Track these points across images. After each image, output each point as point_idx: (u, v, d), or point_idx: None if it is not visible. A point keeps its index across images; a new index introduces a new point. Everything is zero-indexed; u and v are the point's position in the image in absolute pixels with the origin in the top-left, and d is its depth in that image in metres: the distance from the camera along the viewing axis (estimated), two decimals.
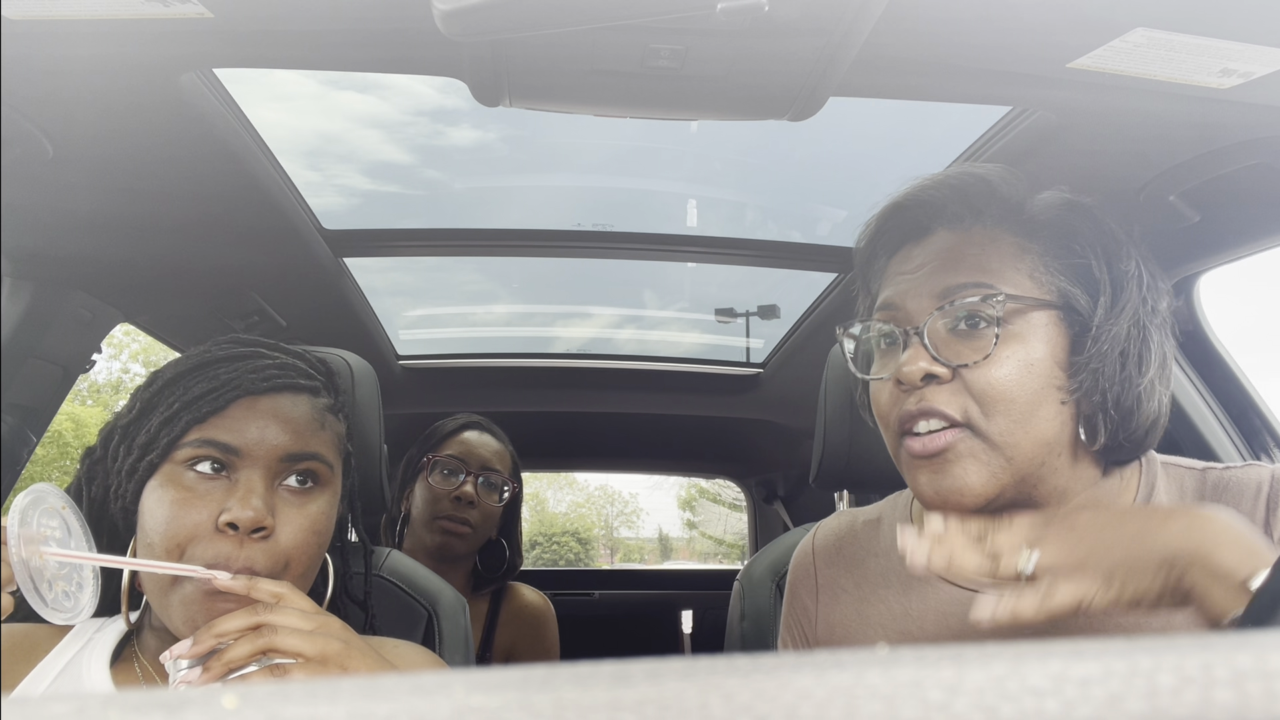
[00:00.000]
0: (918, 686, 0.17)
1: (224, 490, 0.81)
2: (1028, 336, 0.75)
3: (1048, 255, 0.78)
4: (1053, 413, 0.75)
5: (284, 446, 0.83)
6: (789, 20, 0.76)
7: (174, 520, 0.79)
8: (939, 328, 0.77)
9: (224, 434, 0.82)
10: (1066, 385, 0.75)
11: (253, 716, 0.17)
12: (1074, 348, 0.75)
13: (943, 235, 0.81)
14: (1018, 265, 0.77)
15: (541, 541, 24.82)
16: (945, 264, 0.79)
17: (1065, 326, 0.76)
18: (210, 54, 0.90)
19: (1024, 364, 0.74)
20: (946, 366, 0.76)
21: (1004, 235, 0.79)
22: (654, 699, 0.17)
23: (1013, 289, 0.76)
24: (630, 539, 29.90)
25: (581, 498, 29.21)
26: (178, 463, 0.81)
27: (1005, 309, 0.75)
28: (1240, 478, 0.78)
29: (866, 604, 0.89)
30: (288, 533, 0.82)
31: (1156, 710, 0.17)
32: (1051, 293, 0.77)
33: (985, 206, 0.81)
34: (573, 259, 1.80)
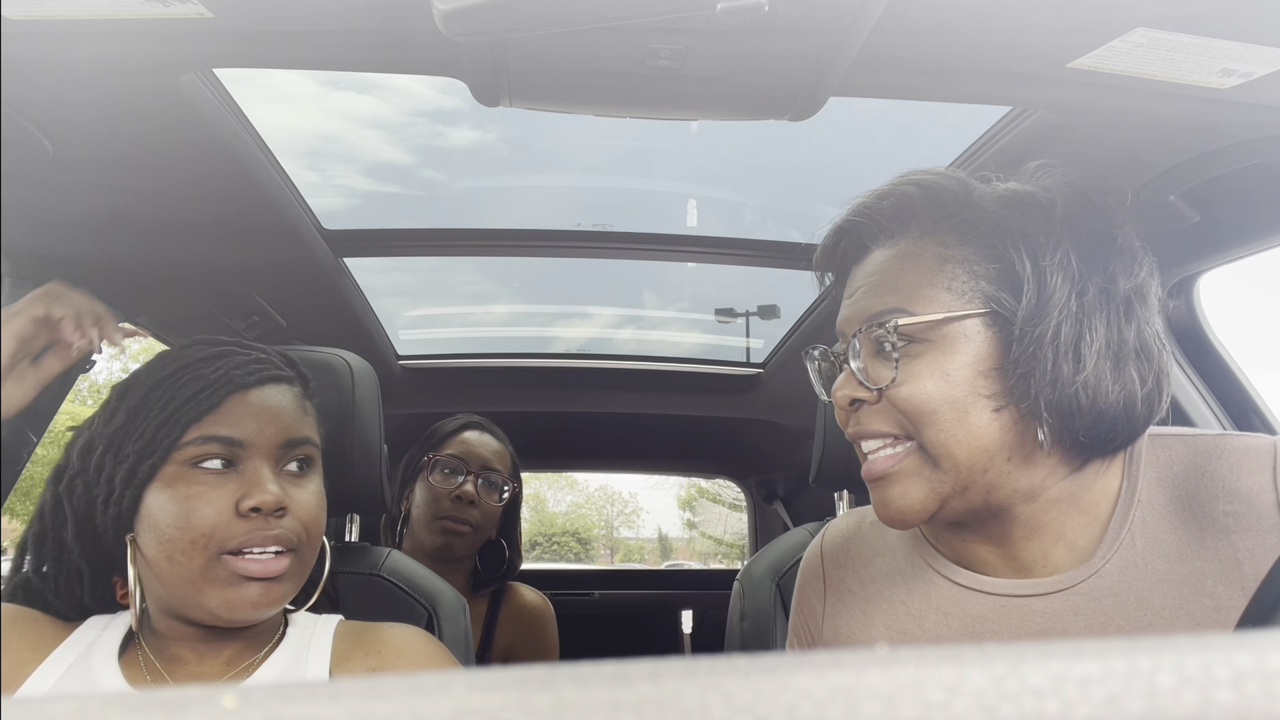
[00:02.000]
0: (918, 686, 0.17)
1: (235, 482, 0.85)
2: (945, 349, 0.74)
3: (972, 260, 0.76)
4: (985, 420, 0.73)
5: (281, 434, 0.88)
6: (789, 20, 0.76)
7: (193, 514, 0.82)
8: (867, 351, 0.79)
9: (224, 429, 0.85)
10: (997, 391, 0.73)
11: (253, 716, 0.17)
12: (1005, 352, 0.73)
13: (875, 255, 0.81)
14: (934, 280, 0.76)
15: (541, 541, 24.81)
16: (871, 288, 0.79)
17: (994, 332, 0.74)
18: (210, 54, 0.90)
19: (940, 376, 0.74)
20: (870, 389, 0.77)
21: (928, 248, 0.78)
22: (654, 699, 0.17)
23: (926, 306, 0.75)
24: (630, 539, 29.91)
25: (581, 498, 29.22)
26: (181, 463, 0.84)
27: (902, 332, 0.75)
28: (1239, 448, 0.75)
29: (871, 604, 0.90)
30: (302, 507, 0.88)
31: (1156, 710, 0.17)
32: (974, 301, 0.74)
33: (913, 219, 0.79)
34: (573, 259, 1.80)
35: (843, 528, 0.99)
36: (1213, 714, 0.17)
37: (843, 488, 1.44)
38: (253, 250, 1.46)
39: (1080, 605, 0.76)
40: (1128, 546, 0.76)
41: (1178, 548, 0.74)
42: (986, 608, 0.80)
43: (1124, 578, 0.75)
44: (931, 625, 0.84)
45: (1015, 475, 0.75)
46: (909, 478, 0.76)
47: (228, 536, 0.83)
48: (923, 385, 0.74)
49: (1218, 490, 0.74)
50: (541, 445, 2.72)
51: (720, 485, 15.69)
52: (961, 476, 0.74)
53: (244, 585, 0.83)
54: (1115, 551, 0.76)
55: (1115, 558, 0.76)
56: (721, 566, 13.11)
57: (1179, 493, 0.76)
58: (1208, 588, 0.72)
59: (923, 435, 0.75)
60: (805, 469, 1.87)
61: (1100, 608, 0.75)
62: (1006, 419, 0.73)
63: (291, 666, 0.92)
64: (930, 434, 0.74)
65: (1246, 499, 0.72)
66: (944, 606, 0.83)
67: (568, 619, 2.10)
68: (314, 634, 0.95)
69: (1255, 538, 0.71)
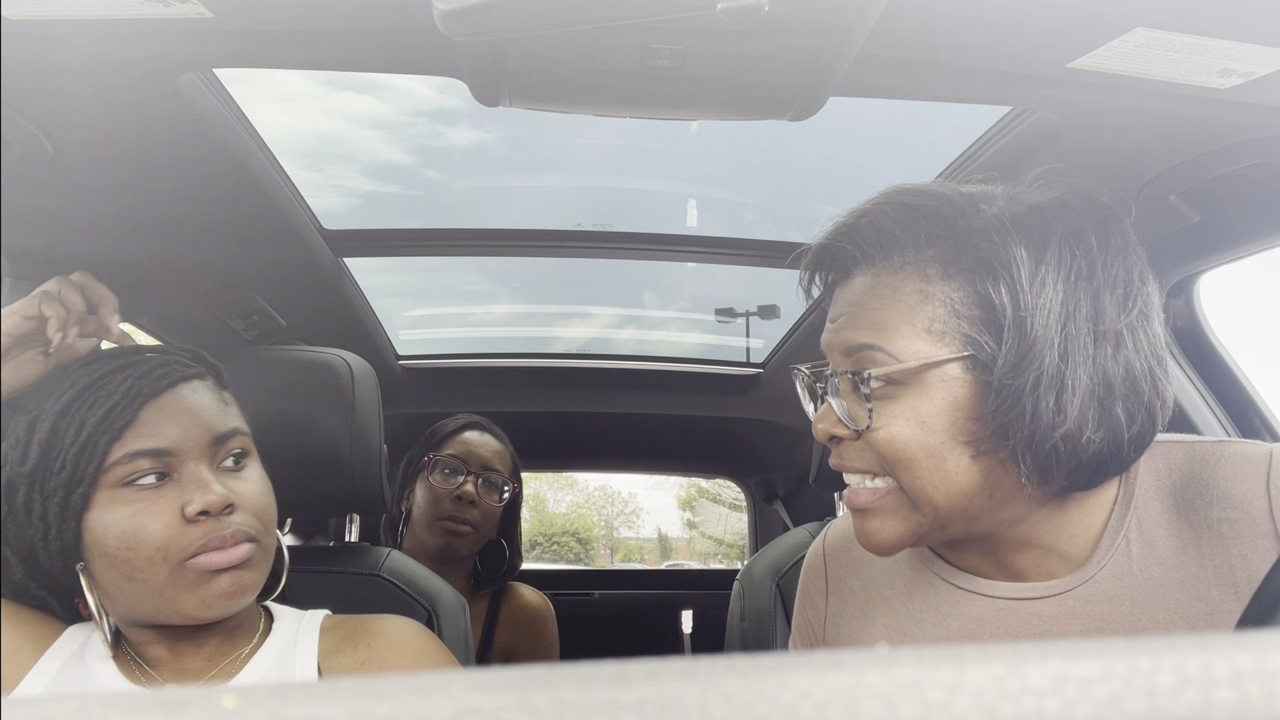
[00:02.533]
0: (918, 686, 0.17)
1: (174, 490, 0.82)
2: (921, 395, 0.71)
3: (954, 299, 0.71)
4: (963, 466, 0.71)
5: (208, 431, 0.86)
6: (789, 20, 0.76)
7: (141, 531, 0.79)
8: (844, 389, 0.76)
9: (148, 441, 0.81)
10: (975, 438, 0.70)
11: (253, 716, 0.17)
12: (983, 397, 0.70)
13: (857, 281, 0.78)
14: (914, 319, 0.72)
15: (541, 541, 24.82)
16: (851, 319, 0.76)
17: (973, 376, 0.70)
18: (210, 54, 0.90)
19: (916, 425, 0.71)
20: (848, 429, 0.75)
21: (908, 282, 0.73)
22: (654, 699, 0.17)
23: (903, 348, 0.72)
24: (630, 539, 29.91)
25: (581, 498, 29.22)
26: (113, 485, 0.81)
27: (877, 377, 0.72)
28: (1235, 455, 0.74)
29: (872, 604, 0.90)
30: (249, 498, 0.87)
31: (1156, 710, 0.17)
32: (954, 344, 0.71)
33: (894, 244, 0.75)
34: (573, 259, 1.80)
35: (845, 528, 0.99)
36: (1213, 714, 0.17)
37: (842, 488, 1.44)
38: (253, 250, 1.46)
39: (1076, 609, 0.76)
40: (1123, 553, 0.75)
41: (1173, 554, 0.74)
42: (985, 610, 0.81)
43: (1119, 583, 0.75)
44: (931, 627, 0.84)
45: (997, 510, 0.74)
46: (888, 514, 0.75)
47: (185, 545, 0.80)
48: (899, 430, 0.72)
49: (1213, 497, 0.74)
50: (541, 445, 2.72)
51: (720, 485, 15.69)
52: (940, 516, 0.73)
53: (213, 580, 0.82)
54: (1110, 557, 0.76)
55: (1110, 563, 0.75)
56: (721, 566, 13.11)
57: (1176, 500, 0.76)
58: (1202, 593, 0.72)
59: (900, 479, 0.73)
60: (805, 469, 1.87)
61: (1096, 611, 0.75)
62: (985, 463, 0.71)
63: (279, 662, 0.91)
64: (906, 479, 0.73)
65: (1240, 505, 0.72)
66: (943, 608, 0.84)
67: (568, 619, 2.10)
68: (300, 629, 0.94)
69: (1249, 543, 0.71)
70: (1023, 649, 0.18)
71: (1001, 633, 0.80)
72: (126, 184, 1.17)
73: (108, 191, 1.19)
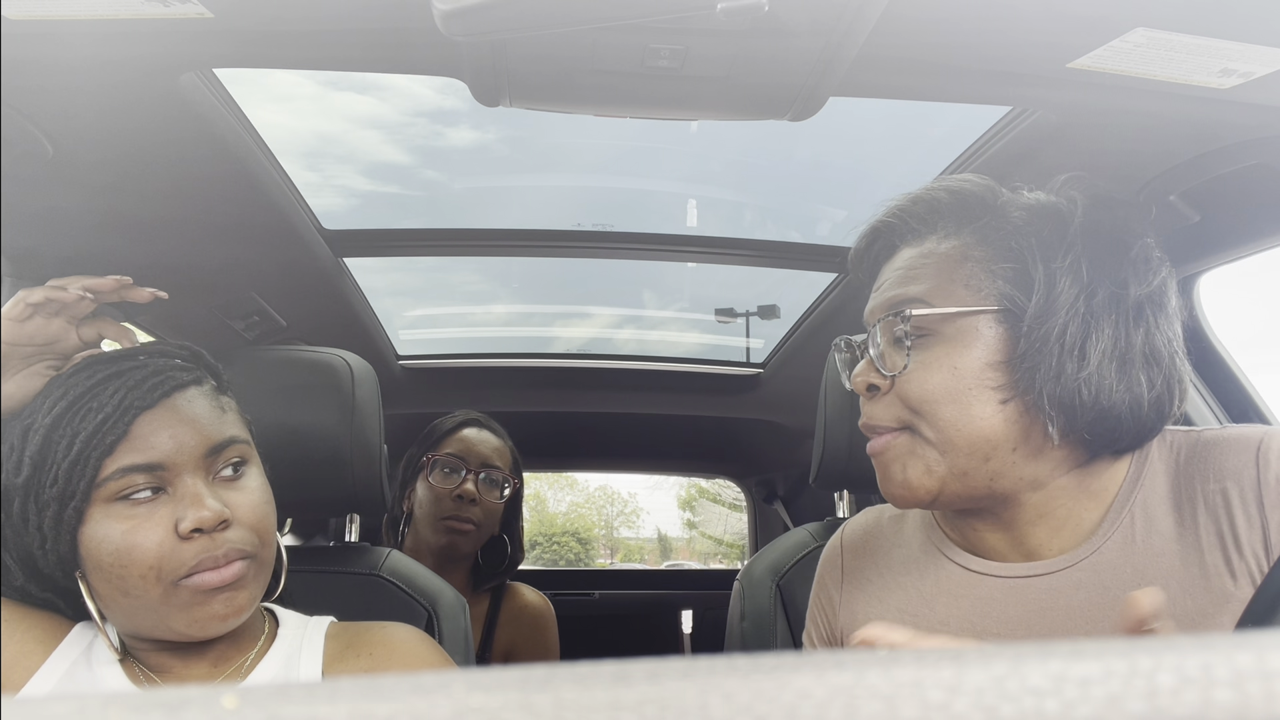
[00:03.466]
0: (918, 686, 0.17)
1: (168, 503, 0.80)
2: (956, 342, 0.79)
3: (990, 260, 0.80)
4: (989, 412, 0.78)
5: (202, 443, 0.83)
6: (789, 20, 0.76)
7: (135, 549, 0.78)
8: (884, 340, 0.83)
9: (141, 455, 0.79)
10: (1004, 384, 0.77)
11: (253, 716, 0.17)
12: (1015, 348, 0.78)
13: (904, 253, 0.86)
14: (954, 275, 0.81)
15: (541, 541, 24.82)
16: (895, 281, 0.84)
17: (1005, 329, 0.78)
18: (210, 54, 0.90)
19: (948, 369, 0.78)
20: (884, 377, 0.82)
21: (950, 246, 0.83)
22: (654, 699, 0.17)
23: (943, 299, 0.80)
24: (630, 539, 29.91)
25: (581, 498, 29.22)
26: (106, 500, 0.79)
27: (915, 322, 0.80)
28: (1232, 435, 0.80)
29: (886, 590, 0.93)
30: (245, 511, 0.84)
31: (1156, 710, 0.17)
32: (988, 298, 0.79)
33: (941, 219, 0.85)
34: (573, 259, 1.80)
35: (863, 522, 1.04)
36: (1213, 714, 0.17)
37: (843, 488, 1.44)
38: (253, 250, 1.46)
39: (1081, 579, 0.80)
40: (1127, 525, 0.80)
41: (1174, 526, 0.79)
42: (995, 590, 0.84)
43: (1123, 553, 0.79)
44: (942, 607, 0.87)
45: (1021, 466, 0.79)
46: (908, 456, 0.81)
47: (178, 564, 0.79)
48: (930, 376, 0.79)
49: (1210, 472, 0.79)
50: (541, 445, 2.72)
51: (720, 485, 15.69)
52: (959, 462, 0.79)
53: (207, 601, 0.80)
54: (1116, 530, 0.80)
55: (1115, 535, 0.80)
56: (721, 566, 13.12)
57: (1178, 478, 0.81)
58: (1197, 558, 0.77)
59: (922, 423, 0.80)
60: (805, 469, 1.87)
61: (1099, 580, 0.79)
62: (1012, 411, 0.78)
63: (284, 669, 0.90)
64: (929, 423, 0.79)
65: (1233, 476, 0.78)
66: (954, 590, 0.87)
67: (568, 619, 2.10)
68: (305, 635, 0.94)
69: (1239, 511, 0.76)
70: (1023, 649, 0.18)
71: (1011, 609, 0.83)
72: (126, 184, 1.17)
73: (108, 191, 1.19)
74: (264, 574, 0.86)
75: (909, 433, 0.81)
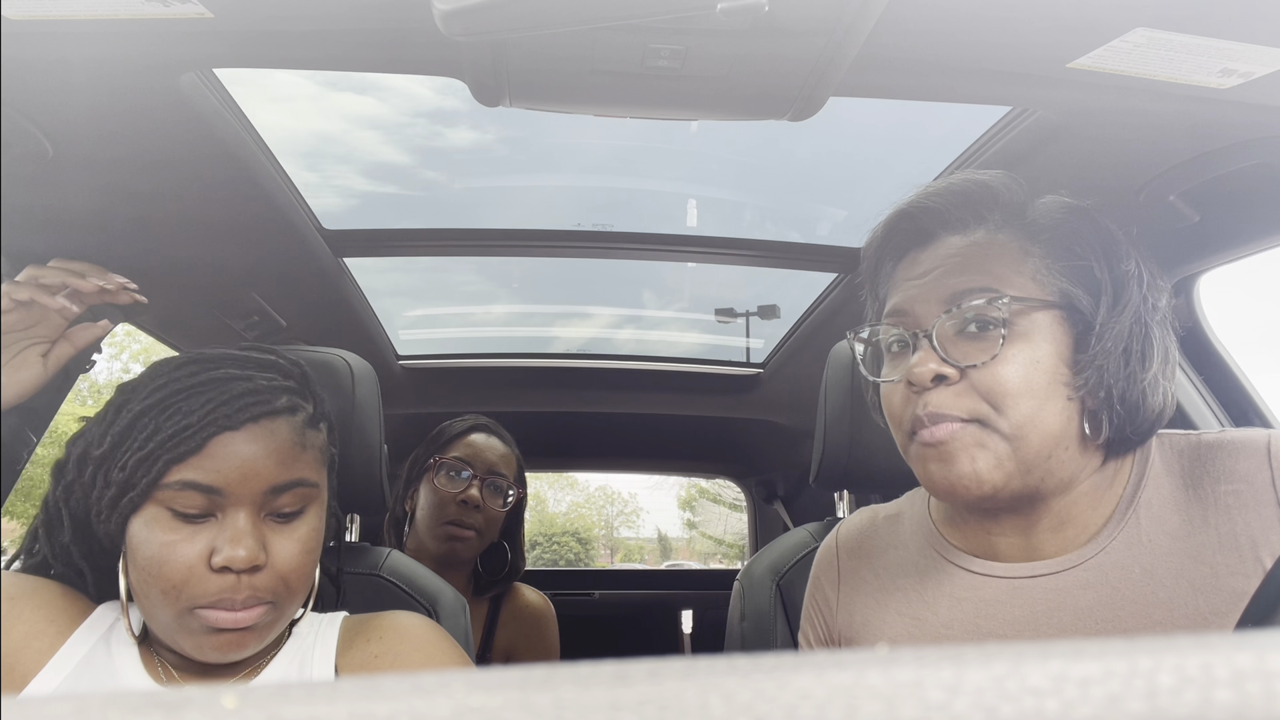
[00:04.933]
0: (918, 686, 0.17)
1: (212, 529, 0.80)
2: (1032, 336, 0.78)
3: (1049, 258, 0.81)
4: (1059, 407, 0.78)
5: (267, 480, 0.82)
6: (789, 20, 0.76)
7: (166, 564, 0.79)
8: (947, 330, 0.80)
9: (205, 475, 0.79)
10: (1072, 381, 0.78)
11: (253, 716, 0.17)
12: (1078, 345, 0.78)
13: (948, 241, 0.84)
14: (1020, 269, 0.80)
15: (541, 541, 24.81)
16: (952, 269, 0.82)
17: (1069, 326, 0.79)
18: (210, 54, 0.90)
19: (1030, 362, 0.77)
20: (955, 367, 0.79)
21: (1007, 239, 0.82)
22: (654, 699, 0.17)
23: (1016, 291, 0.79)
24: (630, 539, 29.91)
25: (581, 498, 29.22)
26: (160, 503, 0.80)
27: (1010, 310, 0.78)
28: (1238, 438, 0.80)
29: (885, 592, 0.93)
30: (282, 559, 0.83)
31: (1156, 710, 0.17)
32: (1054, 294, 0.79)
33: (988, 212, 0.84)
34: (573, 259, 1.80)
35: (858, 523, 1.02)
36: (1213, 714, 0.17)
37: (843, 488, 1.44)
38: (253, 250, 1.46)
39: (1088, 579, 0.80)
40: (1133, 525, 0.80)
41: (1181, 525, 0.79)
42: (999, 591, 0.84)
43: (1130, 553, 0.79)
44: (945, 610, 0.86)
45: (1068, 464, 0.79)
46: (977, 447, 0.78)
47: (199, 593, 0.79)
48: (1014, 369, 0.77)
49: (1219, 474, 0.79)
50: (542, 445, 2.72)
51: (720, 485, 15.68)
52: (1029, 458, 0.78)
53: (213, 635, 0.80)
54: (1122, 529, 0.80)
55: (1121, 535, 0.80)
56: (721, 566, 13.11)
57: (1184, 480, 0.81)
58: (1207, 558, 0.77)
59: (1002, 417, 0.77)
60: (805, 469, 1.87)
61: (1107, 580, 0.79)
62: (1073, 409, 0.79)
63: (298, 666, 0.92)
64: (1011, 416, 0.77)
65: (1245, 478, 0.78)
66: (957, 592, 0.86)
67: (568, 619, 2.10)
68: (320, 630, 0.95)
69: (1252, 511, 0.77)
70: (1023, 649, 0.18)
71: (1015, 611, 0.82)
72: (126, 184, 1.17)
73: (108, 191, 1.19)
74: (282, 619, 0.86)
75: (978, 424, 0.78)
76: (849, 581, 0.97)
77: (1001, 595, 0.83)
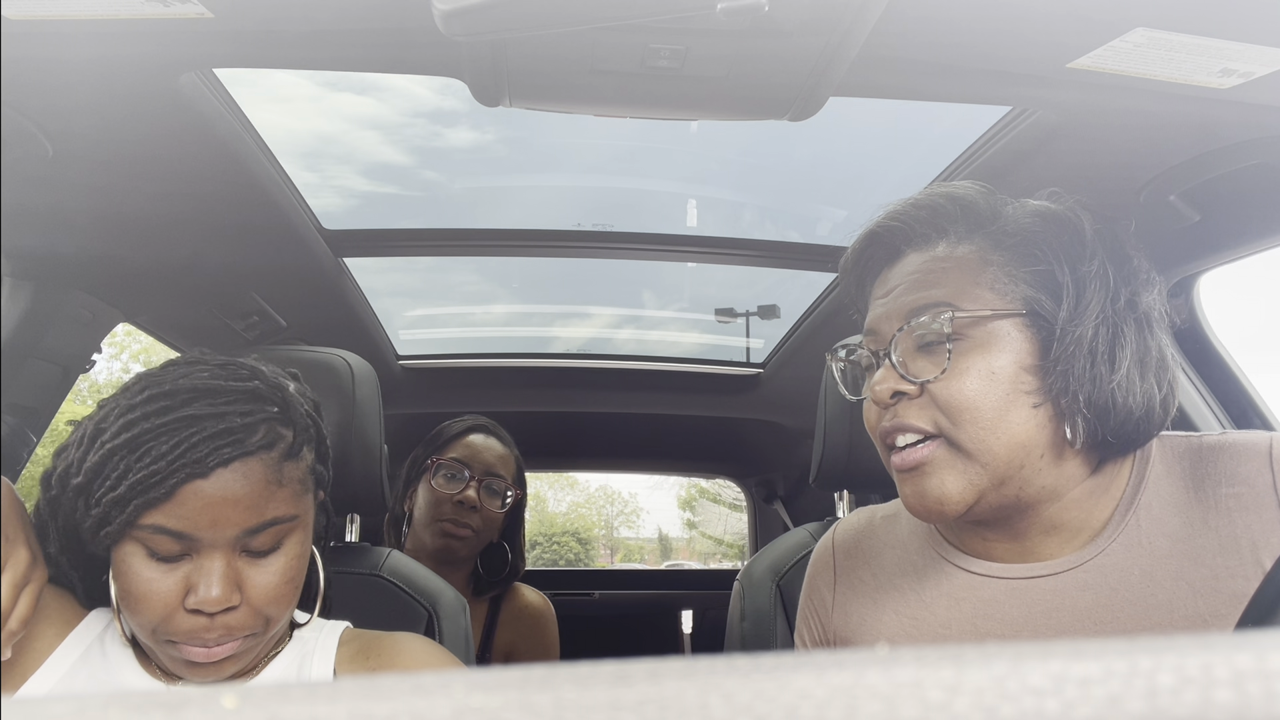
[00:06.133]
0: (918, 686, 0.17)
1: (187, 566, 0.81)
2: (989, 346, 0.78)
3: (1010, 265, 0.80)
4: (1024, 416, 0.77)
5: (239, 525, 0.81)
6: (789, 20, 0.76)
7: (143, 599, 0.80)
8: (907, 347, 0.82)
9: (176, 522, 0.79)
10: (1036, 389, 0.77)
11: (253, 716, 0.17)
12: (1043, 352, 0.77)
13: (911, 258, 0.85)
14: (978, 279, 0.80)
15: (541, 541, 24.81)
16: (910, 286, 0.83)
17: (1032, 332, 0.78)
18: (210, 54, 0.90)
19: (985, 373, 0.77)
20: (913, 383, 0.80)
21: (967, 251, 0.82)
22: (654, 699, 0.17)
23: (971, 303, 0.79)
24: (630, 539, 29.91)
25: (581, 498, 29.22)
26: (137, 540, 0.80)
27: (955, 324, 0.78)
28: (1240, 441, 0.80)
29: (882, 592, 0.92)
30: (259, 594, 0.82)
31: (1156, 710, 0.17)
32: (1014, 302, 0.79)
33: (950, 225, 0.84)
34: (573, 259, 1.80)
35: (854, 523, 1.02)
36: (1213, 714, 0.17)
37: (843, 488, 1.44)
38: (253, 250, 1.46)
39: (1088, 580, 0.80)
40: (1133, 527, 0.80)
41: (1181, 528, 0.79)
42: (997, 591, 0.83)
43: (1129, 554, 0.79)
44: (943, 611, 0.86)
45: (1045, 473, 0.79)
46: (946, 469, 0.79)
47: (173, 630, 0.80)
48: (968, 381, 0.77)
49: (1220, 477, 0.79)
50: (542, 445, 2.72)
51: (720, 485, 15.68)
52: (999, 470, 0.77)
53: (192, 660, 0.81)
54: (1121, 531, 0.80)
55: (1121, 537, 0.80)
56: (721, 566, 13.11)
57: (1185, 482, 0.81)
58: (1207, 560, 0.77)
59: (961, 431, 0.78)
60: (805, 469, 1.87)
61: (1106, 581, 0.79)
62: (1043, 416, 0.78)
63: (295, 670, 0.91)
64: (969, 430, 0.77)
65: (1246, 481, 0.78)
66: (955, 593, 0.86)
67: (568, 619, 2.10)
68: (319, 639, 0.95)
69: (1254, 514, 0.77)
70: (1023, 649, 0.18)
71: (1014, 612, 0.82)
72: (126, 184, 1.17)
73: (108, 191, 1.19)
74: (259, 645, 0.86)
75: (945, 444, 0.79)
76: (845, 582, 0.97)
77: (999, 596, 0.83)
